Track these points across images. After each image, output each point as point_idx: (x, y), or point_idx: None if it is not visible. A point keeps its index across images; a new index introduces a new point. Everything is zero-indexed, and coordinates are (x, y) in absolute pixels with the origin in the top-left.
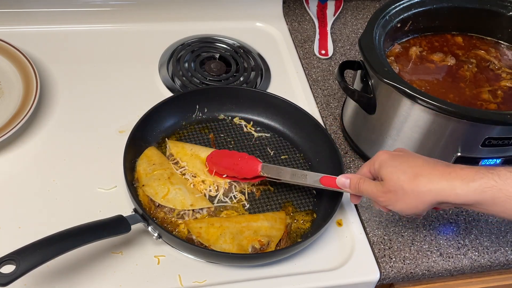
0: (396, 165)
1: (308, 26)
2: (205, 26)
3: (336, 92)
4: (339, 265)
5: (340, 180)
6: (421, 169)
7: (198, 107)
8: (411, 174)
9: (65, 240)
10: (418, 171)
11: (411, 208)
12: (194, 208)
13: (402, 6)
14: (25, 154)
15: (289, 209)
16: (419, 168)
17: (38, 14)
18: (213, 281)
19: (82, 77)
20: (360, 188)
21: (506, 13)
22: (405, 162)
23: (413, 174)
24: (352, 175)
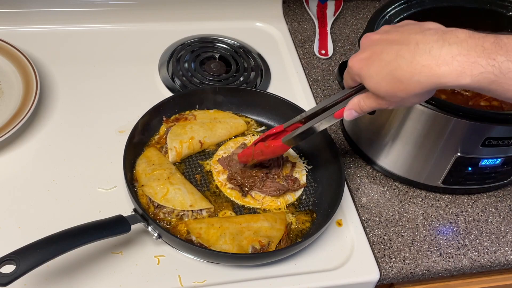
0: (374, 75)
1: (308, 26)
2: (205, 26)
3: (336, 92)
4: (339, 265)
5: (348, 116)
6: (399, 71)
7: (198, 107)
8: (394, 80)
9: (65, 240)
10: (398, 75)
11: (420, 100)
12: (193, 209)
13: (402, 6)
14: (25, 154)
15: (289, 209)
16: (397, 69)
17: (38, 14)
18: (213, 281)
19: (82, 77)
20: (365, 109)
21: (506, 13)
22: (378, 65)
23: (394, 80)
24: (351, 103)
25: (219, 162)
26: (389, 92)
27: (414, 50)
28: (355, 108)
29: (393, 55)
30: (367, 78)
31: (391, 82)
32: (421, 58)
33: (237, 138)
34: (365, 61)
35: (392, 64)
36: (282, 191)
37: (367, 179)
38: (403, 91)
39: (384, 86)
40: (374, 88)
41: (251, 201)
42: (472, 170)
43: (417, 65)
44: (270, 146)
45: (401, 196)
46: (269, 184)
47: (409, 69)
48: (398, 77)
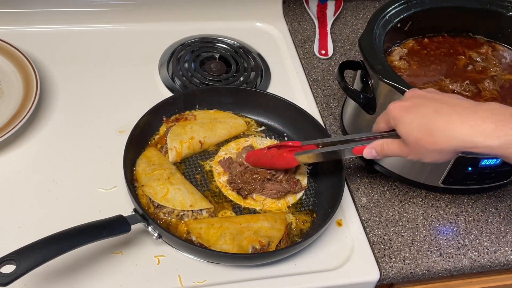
0: (410, 121)
1: (308, 26)
2: (205, 26)
3: (336, 92)
4: (339, 265)
5: (367, 154)
6: (434, 123)
7: (198, 107)
8: (425, 130)
9: (65, 240)
10: (432, 127)
11: (440, 159)
12: (193, 209)
13: (402, 6)
14: (25, 154)
15: (289, 209)
16: (432, 121)
17: (38, 14)
18: (213, 281)
19: (82, 77)
20: (386, 153)
21: (506, 13)
22: (416, 115)
23: (427, 130)
24: (375, 143)
25: (219, 163)
26: (417, 141)
27: (452, 109)
28: (376, 148)
29: (432, 109)
30: (401, 123)
31: (423, 131)
32: (457, 117)
33: (239, 139)
34: (405, 108)
35: (428, 116)
36: (283, 193)
37: (367, 179)
38: (431, 143)
39: (414, 134)
40: (404, 133)
41: (252, 202)
42: (472, 170)
43: (451, 123)
44: (281, 155)
45: (401, 196)
46: (270, 187)
47: (443, 124)
48: (430, 129)
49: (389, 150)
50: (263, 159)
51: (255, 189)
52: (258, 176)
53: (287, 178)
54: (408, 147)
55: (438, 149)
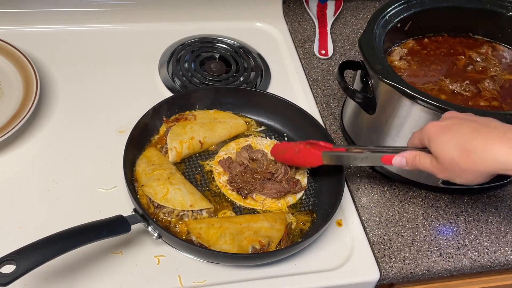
0: (446, 141)
1: (308, 26)
2: (205, 26)
3: (336, 92)
4: (339, 265)
5: (396, 162)
6: (472, 143)
7: (198, 107)
8: (463, 150)
9: (65, 240)
10: (470, 146)
11: (473, 181)
12: (193, 209)
13: (402, 6)
14: (25, 154)
15: (289, 209)
16: (470, 141)
17: (38, 14)
18: (213, 281)
19: (82, 77)
20: (417, 165)
21: (506, 13)
22: (454, 135)
23: (464, 150)
24: (407, 152)
25: (219, 163)
26: (453, 160)
27: (491, 131)
28: (408, 158)
29: (470, 129)
30: (437, 141)
31: (460, 151)
32: (495, 139)
33: (239, 139)
34: (442, 128)
35: (466, 136)
36: (283, 193)
37: (367, 179)
38: (467, 164)
39: (451, 153)
40: (440, 152)
41: (252, 202)
42: None
43: (489, 143)
44: (309, 151)
45: (401, 196)
46: (270, 186)
47: (481, 144)
48: (468, 149)
49: (420, 164)
50: (289, 151)
51: (255, 188)
52: (258, 175)
53: (287, 178)
54: (440, 165)
55: (473, 170)
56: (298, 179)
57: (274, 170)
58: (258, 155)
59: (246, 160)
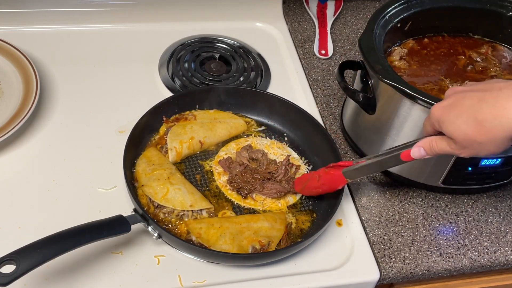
0: (455, 119)
1: (308, 26)
2: (205, 26)
3: (336, 92)
4: (339, 265)
5: (415, 153)
6: (482, 113)
7: (198, 107)
8: (475, 124)
9: (65, 240)
10: (480, 117)
11: (496, 150)
12: (193, 209)
13: (402, 6)
14: (25, 154)
15: (289, 209)
16: (479, 112)
17: (38, 14)
18: (213, 281)
19: (82, 77)
20: (436, 150)
21: (506, 13)
22: (461, 111)
23: (476, 123)
24: (422, 141)
25: (219, 163)
26: (468, 136)
27: (497, 94)
28: (425, 146)
29: (475, 100)
30: (446, 122)
31: (472, 125)
32: (504, 101)
33: (239, 139)
34: (447, 108)
35: (474, 108)
36: (283, 193)
37: (367, 179)
38: (483, 135)
39: (464, 130)
40: (453, 132)
41: (252, 202)
42: (472, 170)
43: (500, 108)
44: (328, 173)
45: (401, 196)
46: (270, 186)
47: (492, 111)
48: (479, 120)
49: (438, 148)
50: (311, 181)
51: (255, 188)
52: (258, 175)
53: (287, 178)
54: (459, 144)
55: (492, 139)
56: None
57: (274, 170)
58: (258, 155)
59: (246, 160)
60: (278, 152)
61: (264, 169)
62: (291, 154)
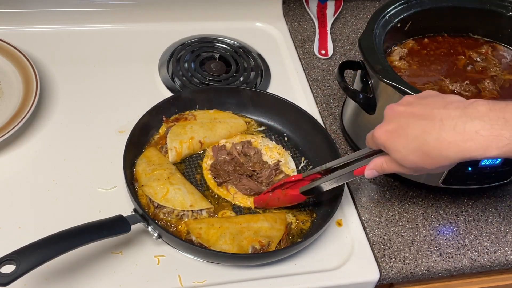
0: (401, 149)
1: (308, 26)
2: (205, 26)
3: (336, 92)
4: (339, 265)
5: (369, 175)
6: (427, 146)
7: (198, 107)
8: (421, 154)
9: (65, 240)
10: (426, 149)
11: (444, 169)
12: (193, 209)
13: (402, 6)
14: (25, 154)
15: (289, 209)
16: (424, 144)
17: (38, 14)
18: (213, 281)
19: (82, 77)
20: (386, 170)
21: (506, 13)
22: (406, 141)
23: (422, 154)
24: (374, 163)
25: (212, 148)
26: (416, 165)
27: (439, 127)
28: (377, 169)
29: (419, 130)
30: (393, 151)
31: (419, 156)
32: (447, 135)
33: (246, 134)
34: (391, 134)
35: (419, 140)
36: (253, 192)
37: (367, 179)
38: (431, 164)
39: (411, 159)
40: (401, 160)
41: (224, 192)
42: (472, 170)
43: (444, 142)
44: (287, 195)
45: (401, 196)
46: (245, 182)
47: (436, 145)
48: (426, 152)
49: (389, 169)
50: (271, 201)
51: (230, 179)
52: (240, 169)
53: (269, 182)
54: (408, 170)
55: (440, 166)
56: None
57: (259, 169)
58: (251, 152)
59: (236, 152)
60: (274, 156)
61: (250, 166)
62: (287, 163)
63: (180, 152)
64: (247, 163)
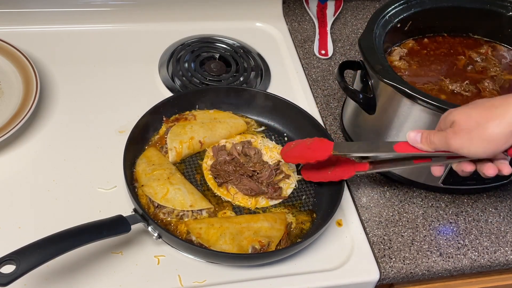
0: (465, 108)
1: (308, 26)
2: (205, 26)
3: (336, 92)
4: (339, 265)
5: (411, 135)
6: (493, 101)
7: (198, 107)
8: (483, 108)
9: (65, 240)
10: (490, 104)
11: (489, 144)
12: (193, 209)
13: (402, 6)
14: (25, 154)
15: (289, 209)
16: (490, 101)
17: (38, 14)
18: (213, 281)
19: (82, 77)
20: (432, 138)
21: (506, 13)
22: (474, 103)
23: (484, 107)
24: (423, 130)
25: (212, 148)
26: (474, 119)
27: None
28: (423, 133)
29: (488, 104)
30: (459, 111)
31: (483, 109)
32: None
33: (246, 134)
34: (454, 132)
35: (486, 103)
36: (254, 192)
37: (367, 179)
38: (488, 118)
39: (473, 113)
40: (461, 115)
41: (224, 192)
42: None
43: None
44: (322, 140)
45: (401, 196)
46: (245, 182)
47: (503, 104)
48: (491, 105)
49: (435, 137)
50: (300, 144)
51: (230, 179)
52: (240, 170)
53: (269, 182)
54: (455, 128)
55: (491, 123)
56: (281, 187)
57: (259, 170)
58: (251, 152)
59: (237, 152)
60: (275, 156)
61: (250, 166)
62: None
63: (180, 152)
64: (248, 163)
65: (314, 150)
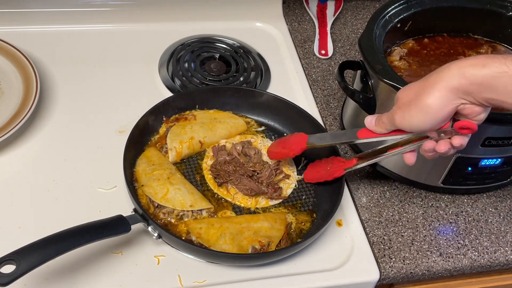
0: (406, 86)
1: (308, 26)
2: (205, 26)
3: (336, 92)
4: (339, 265)
5: (367, 119)
6: (430, 72)
7: (198, 107)
8: (422, 79)
9: (65, 240)
10: (429, 74)
11: (427, 114)
12: (193, 209)
13: (402, 6)
14: (25, 154)
15: (289, 209)
16: (428, 73)
17: (38, 14)
18: (213, 281)
19: (82, 77)
20: (382, 119)
21: (506, 13)
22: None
23: (423, 78)
24: (378, 114)
25: (212, 148)
26: (414, 86)
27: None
28: (376, 118)
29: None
30: (398, 109)
31: (421, 80)
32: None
33: (246, 134)
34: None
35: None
36: (254, 192)
37: (367, 179)
38: (427, 84)
39: (413, 84)
40: (402, 91)
41: (224, 192)
42: (472, 170)
43: (447, 66)
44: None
45: (401, 196)
46: (245, 182)
47: (440, 69)
48: (428, 74)
49: (384, 116)
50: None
51: (230, 179)
52: (240, 170)
53: (269, 182)
54: (397, 104)
55: (427, 90)
56: (281, 187)
57: (259, 169)
58: (251, 152)
59: (237, 152)
60: None
61: (250, 166)
62: (287, 163)
63: (180, 152)
64: (248, 163)
65: (291, 145)
